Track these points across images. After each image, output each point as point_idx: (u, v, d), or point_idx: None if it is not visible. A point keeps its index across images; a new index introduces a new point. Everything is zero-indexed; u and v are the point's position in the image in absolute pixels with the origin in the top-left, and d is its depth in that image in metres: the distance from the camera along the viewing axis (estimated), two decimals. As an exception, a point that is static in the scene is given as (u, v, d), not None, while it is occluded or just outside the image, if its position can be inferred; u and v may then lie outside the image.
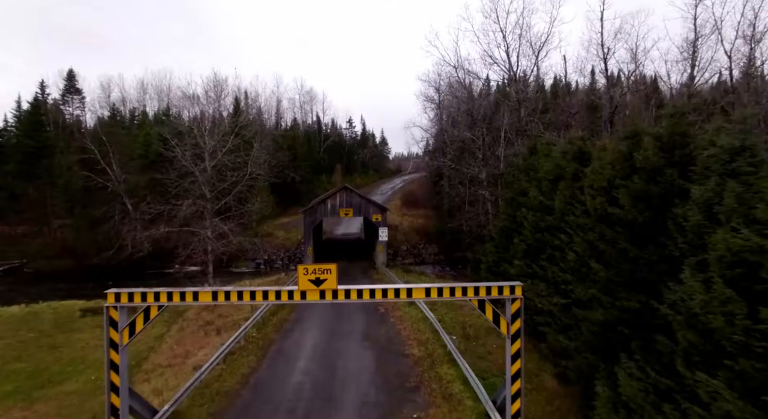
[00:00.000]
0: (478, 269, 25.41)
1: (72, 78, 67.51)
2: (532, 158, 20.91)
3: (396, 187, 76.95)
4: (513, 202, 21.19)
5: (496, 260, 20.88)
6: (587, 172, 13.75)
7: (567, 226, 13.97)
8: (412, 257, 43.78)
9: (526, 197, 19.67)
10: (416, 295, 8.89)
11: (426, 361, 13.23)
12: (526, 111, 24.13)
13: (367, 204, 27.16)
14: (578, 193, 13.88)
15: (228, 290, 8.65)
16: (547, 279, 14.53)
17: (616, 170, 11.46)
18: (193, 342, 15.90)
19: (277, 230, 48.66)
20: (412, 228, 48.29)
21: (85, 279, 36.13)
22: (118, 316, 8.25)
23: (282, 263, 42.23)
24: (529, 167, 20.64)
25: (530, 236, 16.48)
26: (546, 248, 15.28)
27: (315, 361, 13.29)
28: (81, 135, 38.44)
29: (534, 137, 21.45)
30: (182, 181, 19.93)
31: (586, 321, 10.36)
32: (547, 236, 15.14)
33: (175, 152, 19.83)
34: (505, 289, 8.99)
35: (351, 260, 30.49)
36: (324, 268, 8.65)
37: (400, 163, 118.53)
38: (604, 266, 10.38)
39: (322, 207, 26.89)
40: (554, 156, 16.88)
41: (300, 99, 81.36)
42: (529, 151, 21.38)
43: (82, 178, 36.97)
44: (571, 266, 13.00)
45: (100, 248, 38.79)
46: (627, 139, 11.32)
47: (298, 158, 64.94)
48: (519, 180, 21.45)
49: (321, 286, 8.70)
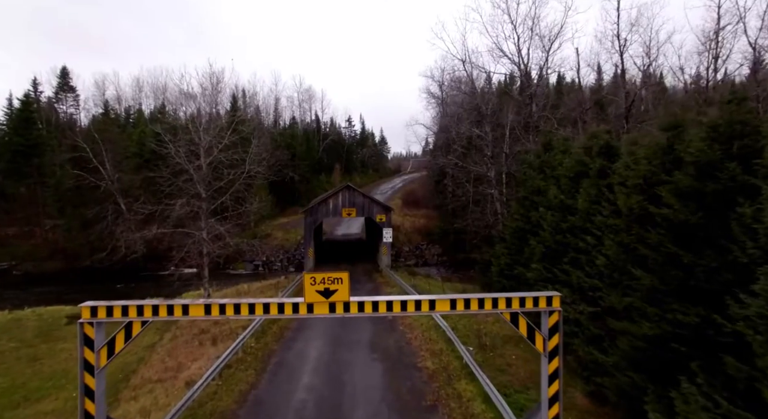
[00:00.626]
0: (488, 271, 24.31)
1: (65, 75, 66.11)
2: (546, 155, 19.82)
3: (396, 186, 75.91)
4: (526, 201, 20.09)
5: (509, 263, 19.77)
6: (616, 168, 12.65)
7: (594, 227, 12.87)
8: (415, 258, 42.67)
9: (542, 196, 18.58)
10: (440, 307, 7.73)
11: (441, 375, 12.08)
12: (538, 106, 23.04)
13: (370, 204, 26.00)
14: (606, 191, 12.77)
15: (223, 302, 7.47)
16: (571, 285, 13.41)
17: (653, 165, 10.35)
18: (186, 353, 14.70)
19: (275, 231, 47.47)
20: (414, 229, 47.16)
21: (77, 282, 34.87)
22: (95, 334, 7.06)
23: (281, 264, 41.03)
24: (544, 165, 19.54)
25: (549, 238, 15.36)
26: (568, 250, 14.17)
27: (319, 375, 12.13)
28: (72, 133, 37.07)
29: (547, 133, 20.34)
30: (175, 179, 18.74)
31: (627, 335, 9.22)
32: (570, 237, 14.02)
33: (169, 148, 18.63)
34: (540, 300, 7.85)
35: (353, 262, 29.33)
36: (334, 277, 7.49)
37: (399, 162, 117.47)
38: (646, 272, 9.26)
39: (323, 207, 25.70)
40: (576, 152, 15.77)
41: (299, 97, 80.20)
42: (544, 147, 20.28)
43: (73, 177, 35.67)
44: (600, 271, 11.89)
45: (93, 249, 37.51)
46: (667, 130, 10.19)
47: (297, 157, 63.72)
48: (532, 178, 20.36)
49: (331, 298, 7.54)
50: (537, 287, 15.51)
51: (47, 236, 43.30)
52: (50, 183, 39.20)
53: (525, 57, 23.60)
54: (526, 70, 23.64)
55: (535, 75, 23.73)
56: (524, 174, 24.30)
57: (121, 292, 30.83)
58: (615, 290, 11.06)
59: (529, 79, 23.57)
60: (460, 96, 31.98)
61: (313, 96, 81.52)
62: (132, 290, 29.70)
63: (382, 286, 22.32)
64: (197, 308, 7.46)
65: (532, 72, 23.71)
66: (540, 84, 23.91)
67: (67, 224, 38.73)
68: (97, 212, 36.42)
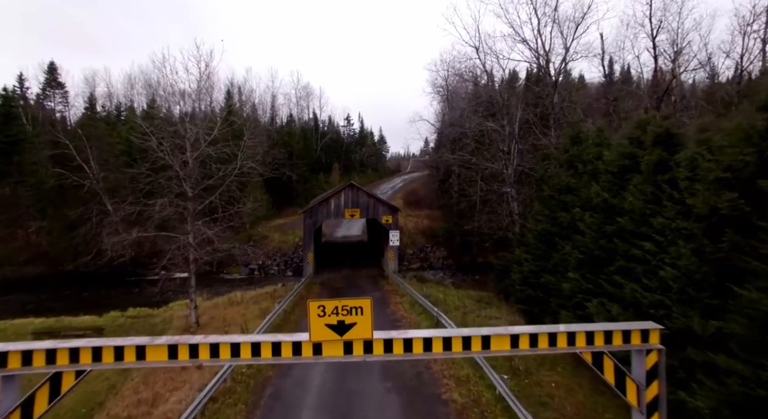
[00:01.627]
0: (505, 277, 22.20)
1: (53, 71, 63.58)
2: (575, 149, 17.73)
3: (396, 186, 73.84)
4: (552, 200, 17.99)
5: (534, 270, 17.66)
6: (680, 160, 10.55)
7: (652, 231, 10.75)
8: (419, 261, 40.50)
9: (573, 195, 16.49)
10: (497, 346, 5.57)
11: (473, 412, 9.93)
12: (560, 96, 21.01)
13: (375, 204, 23.81)
14: (667, 188, 10.67)
15: (196, 342, 5.31)
16: (622, 299, 11.29)
17: (746, 154, 8.25)
18: (166, 379, 12.49)
19: (272, 233, 45.18)
20: (418, 230, 45.00)
21: (59, 288, 32.56)
22: (1, 391, 4.87)
23: (278, 268, 38.78)
24: (574, 159, 17.45)
25: (590, 243, 13.24)
26: (616, 258, 12.06)
27: (324, 412, 9.96)
28: (53, 128, 34.69)
29: (575, 124, 18.24)
30: (156, 176, 16.60)
31: (733, 375, 7.07)
32: (619, 243, 11.89)
33: (150, 140, 16.45)
34: (633, 335, 5.72)
35: (355, 267, 27.17)
36: (351, 305, 5.34)
37: (398, 162, 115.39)
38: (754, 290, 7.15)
39: (324, 207, 23.51)
40: (619, 143, 13.67)
41: (296, 95, 77.83)
42: (571, 140, 18.18)
43: (54, 175, 33.32)
44: (666, 284, 9.78)
45: (77, 253, 35.16)
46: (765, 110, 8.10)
47: (295, 156, 61.50)
48: (559, 175, 18.27)
49: (347, 335, 5.38)
50: (575, 299, 13.41)
51: (30, 239, 40.87)
52: (30, 182, 36.78)
53: (546, 43, 21.58)
54: (547, 57, 21.60)
55: (557, 62, 21.77)
56: (544, 170, 22.22)
57: (104, 298, 28.55)
58: (692, 309, 8.95)
59: (549, 66, 21.57)
60: (471, 88, 29.89)
61: (311, 93, 79.26)
62: (115, 297, 27.44)
63: (390, 295, 20.17)
64: (158, 350, 5.30)
65: (552, 59, 21.73)
66: (562, 72, 21.91)
67: (49, 225, 36.35)
68: (81, 213, 34.05)
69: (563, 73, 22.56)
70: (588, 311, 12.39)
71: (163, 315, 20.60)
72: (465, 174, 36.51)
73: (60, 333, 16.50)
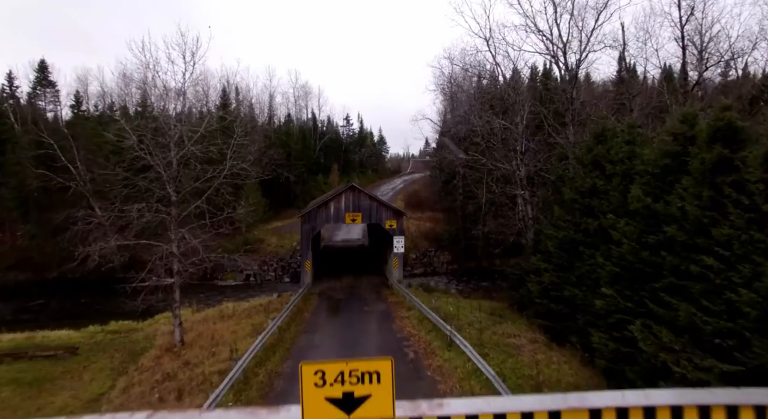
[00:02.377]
0: (519, 287, 20.51)
1: (44, 69, 61.82)
2: (600, 148, 16.06)
3: (397, 187, 72.24)
4: (575, 204, 16.32)
5: (555, 282, 15.97)
6: (752, 158, 8.87)
7: (713, 243, 9.08)
8: (423, 266, 38.83)
9: (600, 199, 14.83)
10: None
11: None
12: (579, 93, 19.37)
13: (379, 208, 22.04)
14: (732, 191, 9.00)
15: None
16: (674, 322, 9.61)
17: None
18: (139, 413, 10.67)
19: (269, 236, 43.50)
20: (421, 233, 43.31)
21: (43, 296, 30.83)
22: None
23: (275, 274, 37.09)
24: (599, 159, 15.79)
25: (628, 254, 11.56)
26: (662, 273, 10.39)
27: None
28: (36, 127, 32.93)
29: (601, 122, 16.57)
30: (136, 178, 14.92)
31: None
32: (667, 256, 10.20)
33: (129, 138, 14.74)
34: None
35: (357, 274, 25.43)
36: (365, 369, 3.60)
37: (398, 163, 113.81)
38: None
39: (323, 212, 21.76)
40: (663, 140, 12.01)
41: (294, 94, 76.07)
42: (596, 138, 16.52)
43: (37, 177, 31.56)
44: (738, 309, 8.10)
45: (63, 258, 33.36)
46: None
47: (293, 157, 59.81)
48: (582, 176, 16.60)
49: (357, 413, 3.64)
50: (611, 319, 11.71)
51: (15, 244, 39.06)
52: (11, 184, 34.98)
53: (564, 34, 19.86)
54: (564, 49, 19.94)
55: (575, 55, 20.10)
56: (563, 171, 20.56)
57: (89, 307, 26.87)
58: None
59: (567, 59, 19.92)
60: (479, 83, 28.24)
61: (309, 93, 77.53)
62: (100, 306, 25.77)
63: (395, 308, 18.43)
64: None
65: (570, 51, 20.02)
66: (582, 64, 20.28)
67: (32, 229, 34.57)
68: (66, 216, 32.22)
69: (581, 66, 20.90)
70: (628, 335, 10.71)
71: (147, 330, 18.87)
72: (471, 175, 34.86)
73: (27, 354, 14.77)
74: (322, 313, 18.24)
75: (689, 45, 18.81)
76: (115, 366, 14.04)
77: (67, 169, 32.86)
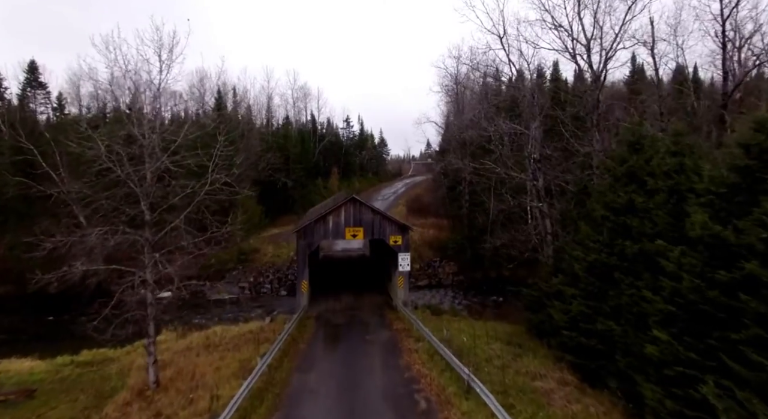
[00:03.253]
0: (538, 309, 18.47)
1: (34, 70, 59.82)
2: (635, 158, 14.05)
3: (398, 191, 70.22)
4: (606, 222, 14.30)
5: (586, 313, 13.93)
6: None
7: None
8: (427, 278, 36.77)
9: (639, 218, 12.82)
10: None
11: None
12: (605, 95, 17.33)
13: (382, 221, 19.92)
14: None
15: None
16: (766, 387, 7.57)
17: None
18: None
19: (265, 245, 41.37)
20: (424, 241, 41.19)
21: (19, 313, 28.87)
22: None
23: (270, 286, 35.00)
24: (635, 171, 13.79)
25: (689, 292, 9.50)
26: (745, 322, 8.33)
27: None
28: (14, 131, 30.93)
29: (635, 128, 14.54)
30: (102, 195, 12.95)
31: None
32: (754, 302, 8.10)
33: (95, 147, 12.76)
34: None
35: (358, 292, 23.40)
36: None
37: (399, 165, 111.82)
38: None
39: (321, 226, 19.63)
40: (731, 153, 9.97)
41: (293, 95, 74.03)
42: (630, 147, 14.51)
43: (15, 184, 29.56)
44: None
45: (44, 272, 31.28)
46: None
47: (291, 160, 57.82)
48: (613, 190, 14.57)
49: None
50: (668, 371, 9.65)
51: None
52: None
53: (588, 30, 17.73)
54: (588, 46, 17.83)
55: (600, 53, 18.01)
56: (587, 183, 18.57)
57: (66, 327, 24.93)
58: None
59: (591, 57, 17.86)
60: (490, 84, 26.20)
61: (308, 94, 75.49)
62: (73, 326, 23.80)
63: (401, 338, 16.35)
64: None
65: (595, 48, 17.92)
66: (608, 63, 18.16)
67: (10, 239, 32.53)
68: (47, 226, 30.16)
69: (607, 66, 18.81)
70: (696, 395, 8.66)
71: (124, 360, 16.81)
72: (478, 182, 32.84)
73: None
74: (318, 343, 16.20)
75: (731, 40, 16.79)
76: (75, 416, 11.98)
77: (49, 176, 30.84)
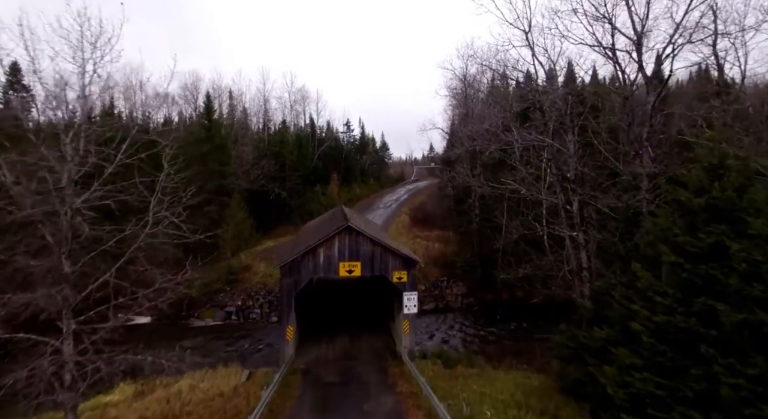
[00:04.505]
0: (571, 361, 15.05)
1: (16, 72, 56.86)
2: (719, 188, 10.64)
3: (401, 199, 66.70)
4: (680, 271, 10.91)
5: (657, 395, 10.51)
6: None
7: None
8: (434, 300, 33.36)
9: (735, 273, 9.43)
10: None
11: None
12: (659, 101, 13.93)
13: (383, 255, 16.39)
14: None
15: None
16: None
17: None
18: None
19: (256, 262, 38.04)
20: (430, 258, 37.67)
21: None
22: None
23: (260, 311, 31.71)
24: (718, 204, 10.41)
25: None
26: None
27: None
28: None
29: (716, 148, 11.12)
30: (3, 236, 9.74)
31: None
32: None
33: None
34: None
35: (355, 332, 19.98)
36: None
37: (402, 168, 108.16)
38: None
39: (309, 260, 16.15)
40: None
41: (290, 98, 70.68)
42: (709, 174, 11.10)
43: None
44: None
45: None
46: None
47: (288, 167, 54.49)
48: (687, 228, 11.16)
49: None
50: None
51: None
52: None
53: (638, 21, 14.21)
54: (638, 41, 14.33)
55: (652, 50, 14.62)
56: (632, 210, 15.14)
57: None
58: None
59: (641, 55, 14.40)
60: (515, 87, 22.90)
61: (306, 97, 72.05)
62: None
63: (406, 405, 12.91)
64: None
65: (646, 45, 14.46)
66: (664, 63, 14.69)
67: (-32, 264, 29.23)
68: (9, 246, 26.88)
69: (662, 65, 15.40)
70: None
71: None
72: (491, 195, 29.36)
73: None
74: (303, 416, 12.81)
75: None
76: None
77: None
